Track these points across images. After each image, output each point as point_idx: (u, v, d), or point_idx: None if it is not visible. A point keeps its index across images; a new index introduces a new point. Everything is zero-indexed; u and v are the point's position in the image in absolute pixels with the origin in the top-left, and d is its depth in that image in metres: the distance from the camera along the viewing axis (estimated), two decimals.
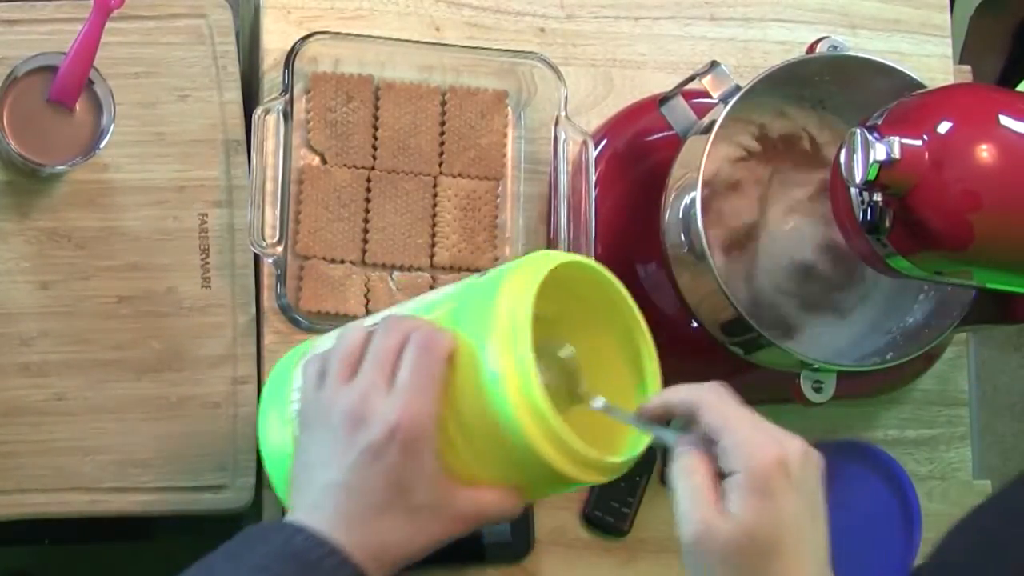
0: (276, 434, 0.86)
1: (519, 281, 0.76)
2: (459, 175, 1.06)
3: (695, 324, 1.01)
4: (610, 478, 0.79)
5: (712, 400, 0.76)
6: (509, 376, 0.74)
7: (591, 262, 0.82)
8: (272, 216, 1.00)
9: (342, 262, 1.03)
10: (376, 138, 1.05)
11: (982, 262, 0.87)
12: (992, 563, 0.77)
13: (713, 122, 0.97)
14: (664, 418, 0.78)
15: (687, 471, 0.75)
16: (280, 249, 0.99)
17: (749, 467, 0.72)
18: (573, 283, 0.81)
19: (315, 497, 0.76)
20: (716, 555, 0.72)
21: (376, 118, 1.05)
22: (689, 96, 1.03)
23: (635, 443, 0.80)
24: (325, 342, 0.86)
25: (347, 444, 0.75)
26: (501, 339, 0.74)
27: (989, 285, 0.90)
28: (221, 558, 0.75)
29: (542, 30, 1.10)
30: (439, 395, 0.75)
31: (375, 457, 0.74)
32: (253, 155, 0.99)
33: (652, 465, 1.08)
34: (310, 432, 0.78)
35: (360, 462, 0.75)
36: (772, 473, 0.72)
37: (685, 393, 0.77)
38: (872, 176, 0.84)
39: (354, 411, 0.75)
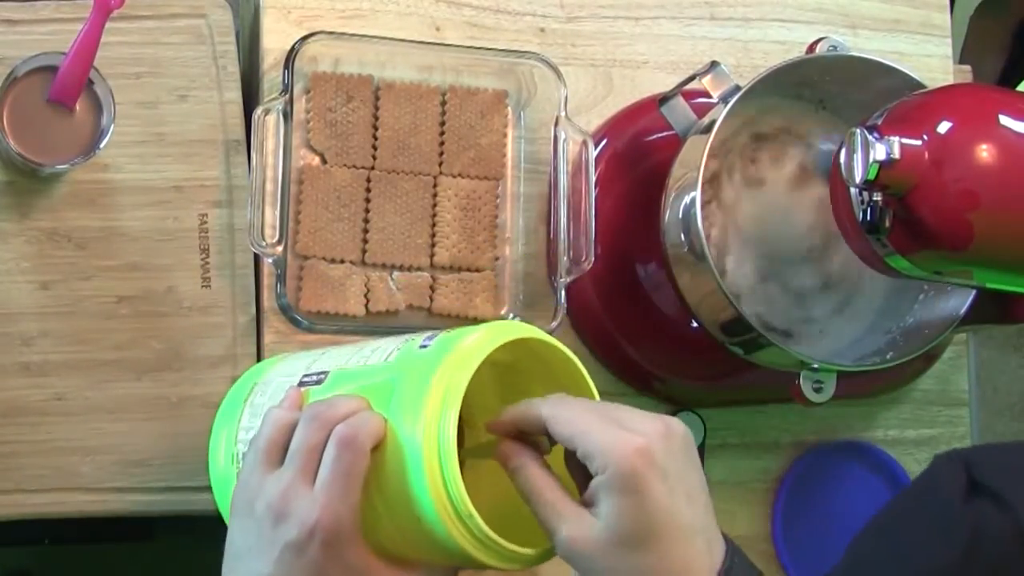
0: (222, 465, 0.86)
1: (452, 368, 0.74)
2: (459, 175, 1.06)
3: (695, 324, 1.01)
4: (533, 565, 0.77)
5: (556, 411, 0.74)
6: (431, 471, 0.73)
7: (535, 336, 0.79)
8: (272, 216, 1.00)
9: (342, 262, 1.03)
10: (376, 138, 1.05)
11: (982, 262, 0.87)
12: None
13: (713, 122, 0.97)
14: (518, 435, 0.77)
15: (536, 491, 0.75)
16: (280, 249, 0.99)
17: (609, 468, 0.71)
18: (528, 344, 0.79)
19: None
20: (594, 559, 0.72)
21: (376, 118, 1.05)
22: (689, 96, 1.03)
23: None
24: (275, 376, 0.85)
25: (269, 539, 0.75)
26: (427, 434, 0.73)
27: (989, 285, 0.90)
28: None
29: (542, 30, 1.10)
30: (359, 489, 0.74)
31: (296, 554, 0.74)
32: (253, 155, 0.99)
33: None
34: (238, 519, 0.78)
35: (282, 558, 0.74)
36: (634, 468, 0.71)
37: (525, 407, 0.76)
38: (872, 176, 0.84)
39: (275, 507, 0.75)
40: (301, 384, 0.83)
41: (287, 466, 0.76)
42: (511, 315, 1.05)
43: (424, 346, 0.78)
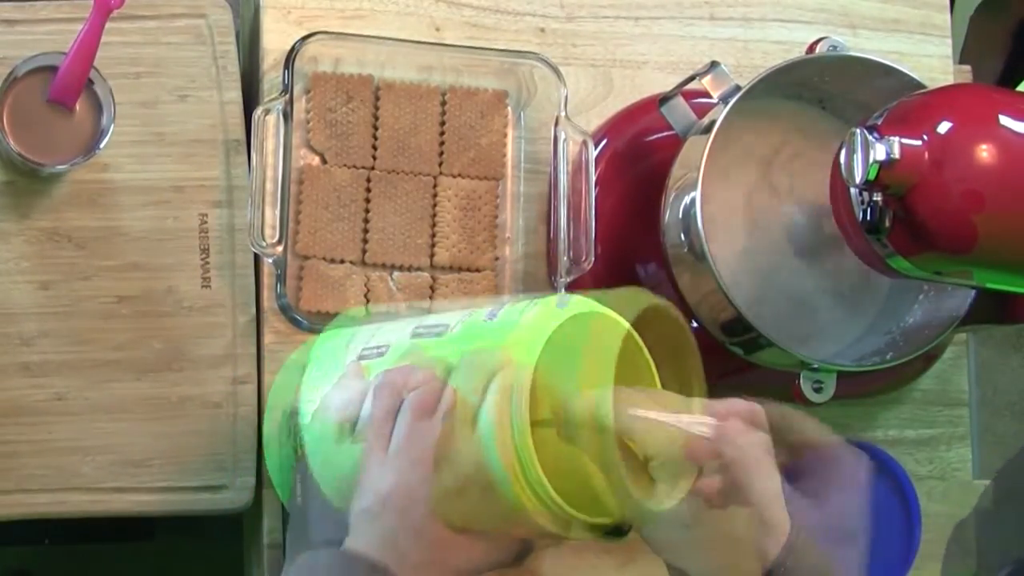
0: (276, 435, 0.87)
1: (522, 342, 0.75)
2: (459, 175, 1.06)
3: (695, 324, 1.01)
4: (598, 534, 0.79)
5: (759, 470, 0.78)
6: (503, 440, 0.74)
7: (605, 316, 0.80)
8: (272, 216, 1.00)
9: (342, 262, 1.03)
10: (376, 138, 1.05)
11: (985, 263, 0.87)
12: None
13: (713, 122, 0.97)
14: (710, 453, 0.78)
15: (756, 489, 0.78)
16: (280, 249, 0.99)
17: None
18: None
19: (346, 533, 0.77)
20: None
21: (376, 118, 1.05)
22: (689, 96, 1.03)
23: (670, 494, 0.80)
24: (330, 351, 0.87)
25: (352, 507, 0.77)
26: (498, 403, 0.74)
27: (989, 285, 0.90)
28: None
29: (542, 30, 1.10)
30: (431, 459, 0.75)
31: (370, 521, 0.76)
32: (253, 155, 0.99)
33: None
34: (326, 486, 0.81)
35: (356, 525, 0.76)
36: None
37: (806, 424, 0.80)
38: (872, 176, 0.84)
39: (349, 475, 0.77)
40: (361, 358, 0.84)
41: (361, 435, 0.78)
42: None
43: (490, 318, 0.79)
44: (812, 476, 0.81)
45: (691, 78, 1.02)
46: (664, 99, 1.04)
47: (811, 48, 1.01)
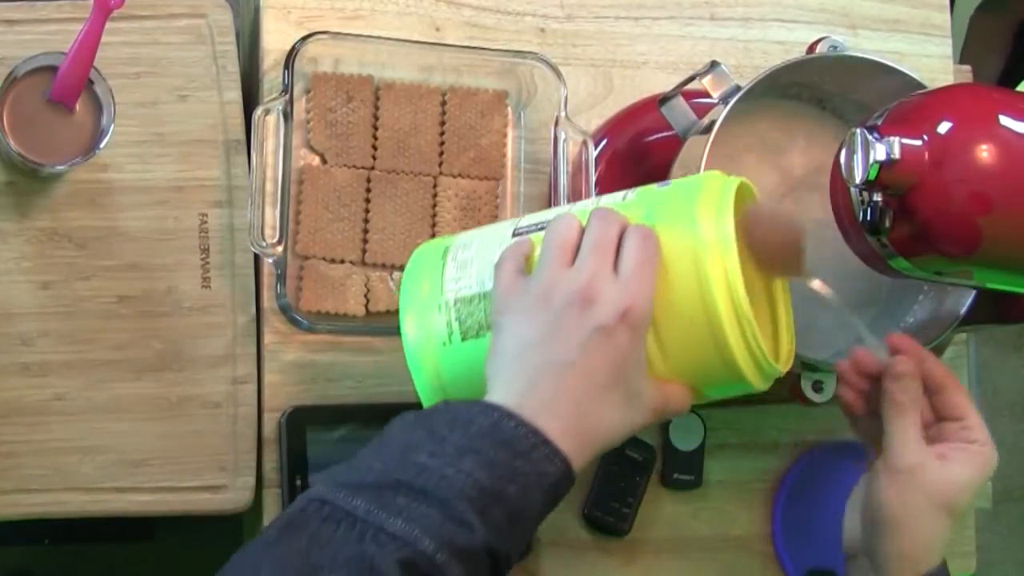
0: (424, 327, 0.85)
1: (717, 191, 0.80)
2: (459, 175, 1.06)
3: None
4: (766, 387, 0.82)
5: (960, 389, 0.89)
6: (720, 281, 0.77)
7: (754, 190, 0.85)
8: (272, 216, 1.00)
9: (342, 262, 1.03)
10: (376, 138, 1.05)
11: (988, 264, 0.87)
12: None
13: (713, 122, 0.97)
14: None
15: (906, 409, 0.88)
16: (280, 249, 0.99)
17: (983, 452, 0.88)
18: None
19: (530, 377, 0.76)
20: (909, 493, 0.87)
21: (376, 118, 1.05)
22: (689, 96, 1.03)
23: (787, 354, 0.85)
24: (475, 239, 0.87)
25: (576, 324, 0.76)
26: (714, 243, 0.77)
27: (990, 285, 0.90)
28: (419, 439, 0.73)
29: (542, 30, 1.10)
30: (655, 281, 0.77)
31: (604, 338, 0.76)
32: (253, 155, 0.99)
33: (652, 465, 1.08)
34: (517, 316, 0.79)
35: (589, 342, 0.76)
36: (992, 459, 0.89)
37: (940, 366, 0.89)
38: (872, 176, 0.84)
39: (583, 292, 0.76)
40: (516, 235, 0.85)
41: (586, 258, 0.78)
42: None
43: (662, 187, 0.83)
44: None
45: (691, 78, 1.02)
46: (664, 99, 1.04)
47: (811, 48, 1.01)
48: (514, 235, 0.85)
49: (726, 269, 0.77)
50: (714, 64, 1.00)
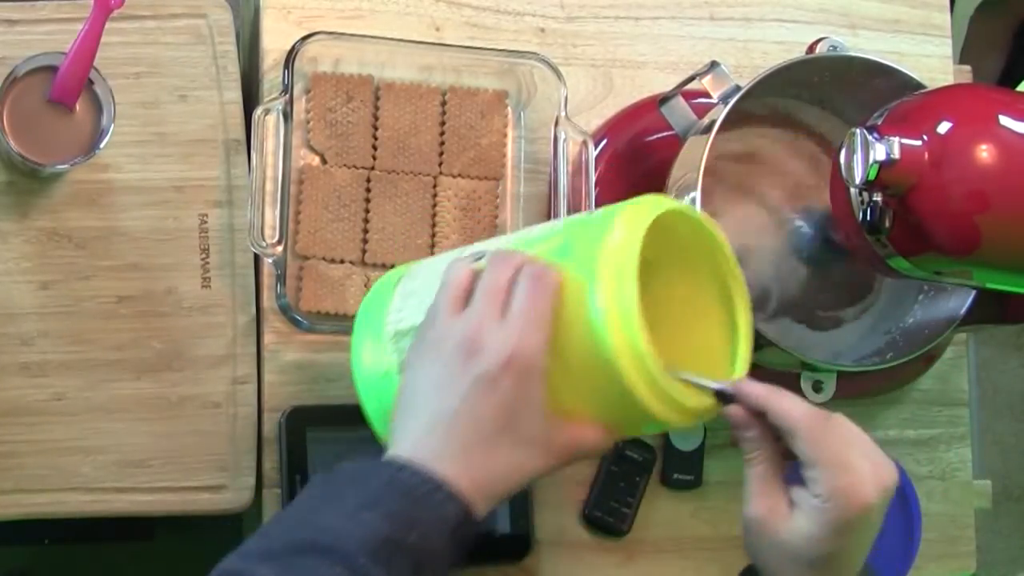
0: (370, 357, 0.86)
1: (629, 221, 0.77)
2: (459, 175, 1.06)
3: None
4: (693, 424, 0.80)
5: (814, 432, 0.77)
6: (613, 316, 0.75)
7: (695, 213, 0.82)
8: (272, 216, 1.00)
9: (342, 262, 1.03)
10: (376, 138, 1.05)
11: (988, 264, 0.87)
12: None
13: (713, 122, 0.97)
14: (751, 416, 0.80)
15: (754, 459, 0.80)
16: (280, 249, 0.99)
17: (831, 507, 0.76)
18: (674, 230, 0.82)
19: (424, 426, 0.76)
20: (763, 545, 0.79)
21: (376, 118, 1.05)
22: (689, 96, 1.03)
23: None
24: (423, 268, 0.87)
25: (461, 373, 0.76)
26: (609, 278, 0.75)
27: (989, 285, 0.90)
28: (320, 502, 0.74)
29: (542, 30, 1.10)
30: (550, 323, 0.76)
31: (489, 386, 0.75)
32: (253, 155, 0.99)
33: (652, 465, 1.08)
34: (419, 364, 0.79)
35: (474, 391, 0.75)
36: (853, 520, 0.76)
37: (779, 405, 0.78)
38: (872, 176, 0.84)
39: (468, 341, 0.76)
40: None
41: (476, 304, 0.77)
42: None
43: (590, 214, 0.81)
44: None
45: (691, 78, 1.02)
46: (664, 99, 1.04)
47: (811, 48, 1.01)
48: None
49: (622, 309, 0.75)
50: (714, 64, 1.00)
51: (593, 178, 1.05)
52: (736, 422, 0.80)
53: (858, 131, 0.84)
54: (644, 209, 0.78)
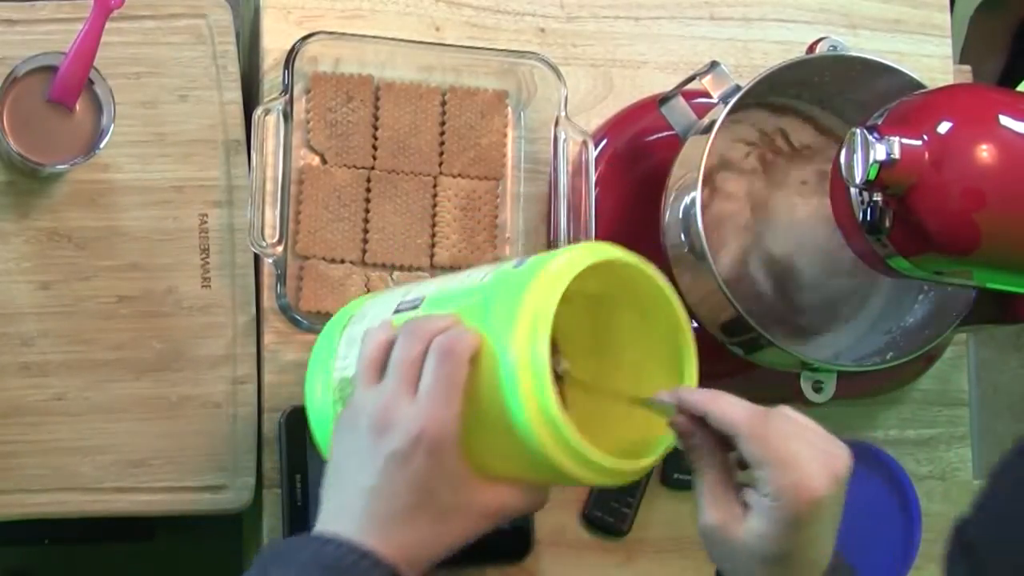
0: (319, 398, 0.87)
1: (545, 284, 0.76)
2: (459, 175, 1.06)
3: (695, 324, 1.01)
4: (627, 481, 0.80)
5: (755, 431, 0.77)
6: (524, 382, 0.74)
7: (630, 261, 0.81)
8: (272, 216, 1.00)
9: (342, 262, 1.03)
10: (376, 138, 1.05)
11: (988, 263, 0.87)
12: None
13: (713, 122, 0.97)
14: (694, 424, 0.79)
15: (701, 470, 0.79)
16: (280, 249, 0.99)
17: (780, 504, 0.76)
18: (619, 269, 0.81)
19: (345, 501, 0.78)
20: (723, 551, 0.79)
21: (376, 118, 1.05)
22: (689, 96, 1.03)
23: (656, 444, 0.81)
24: (371, 308, 0.87)
25: (374, 450, 0.77)
26: (520, 345, 0.75)
27: (990, 285, 0.90)
28: (256, 574, 0.76)
29: (542, 30, 1.10)
30: (461, 399, 0.76)
31: (401, 463, 0.76)
32: (253, 155, 0.99)
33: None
34: (340, 437, 0.80)
35: (387, 468, 0.76)
36: (802, 514, 0.76)
37: (719, 407, 0.78)
38: (872, 176, 0.84)
39: (379, 419, 0.77)
40: (397, 311, 0.84)
41: (387, 379, 0.78)
42: None
43: (518, 266, 0.79)
44: None
45: (691, 78, 1.02)
46: (664, 99, 1.04)
47: (811, 48, 1.01)
48: (395, 312, 0.85)
49: (535, 379, 0.74)
50: (714, 64, 1.00)
51: (593, 178, 1.05)
52: (680, 430, 0.79)
53: (858, 131, 0.84)
54: (564, 268, 0.77)
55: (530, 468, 0.77)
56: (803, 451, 0.76)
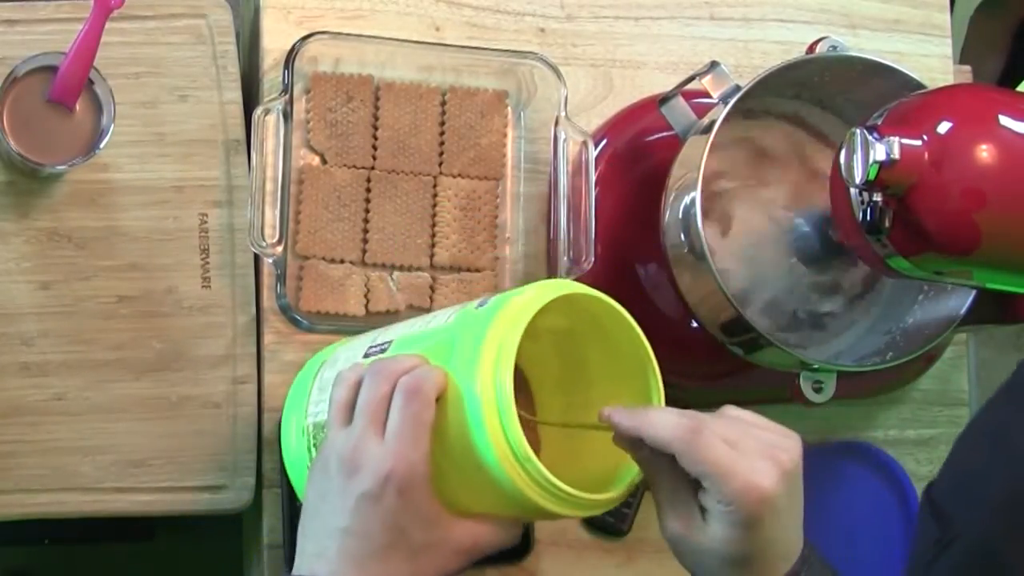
0: (294, 443, 0.88)
1: (508, 320, 0.77)
2: (459, 175, 1.06)
3: (695, 324, 1.01)
4: (599, 512, 0.80)
5: (687, 446, 0.76)
6: (490, 417, 0.75)
7: (592, 294, 0.81)
8: (272, 216, 1.00)
9: (342, 262, 1.03)
10: (376, 138, 1.05)
11: (988, 264, 0.87)
12: (1007, 456, 0.76)
13: (713, 122, 0.97)
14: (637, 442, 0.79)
15: (656, 481, 0.80)
16: (280, 249, 0.99)
17: (733, 508, 0.76)
18: (584, 304, 0.81)
19: (320, 543, 0.78)
20: (690, 555, 0.80)
21: (376, 118, 1.05)
22: (689, 96, 1.03)
23: (626, 473, 0.81)
24: (342, 353, 0.87)
25: (345, 491, 0.77)
26: (485, 381, 0.75)
27: (989, 285, 0.90)
28: None
29: (542, 30, 1.10)
30: (429, 437, 0.77)
31: (372, 503, 0.76)
32: (253, 155, 0.99)
33: None
34: (313, 480, 0.81)
35: (358, 509, 0.77)
36: (756, 513, 0.76)
37: (651, 426, 0.78)
38: (872, 176, 0.84)
39: (349, 460, 0.77)
40: (367, 355, 0.85)
41: (356, 420, 0.78)
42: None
43: (481, 305, 0.80)
44: None
45: (691, 78, 1.02)
46: (664, 99, 1.04)
47: (811, 48, 1.01)
48: (365, 356, 0.86)
49: (501, 417, 0.75)
50: (714, 64, 1.00)
51: (593, 178, 1.05)
52: (624, 448, 0.80)
53: (858, 131, 0.84)
54: (525, 305, 0.78)
55: (501, 503, 0.78)
56: (741, 457, 0.76)
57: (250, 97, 1.05)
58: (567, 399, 0.88)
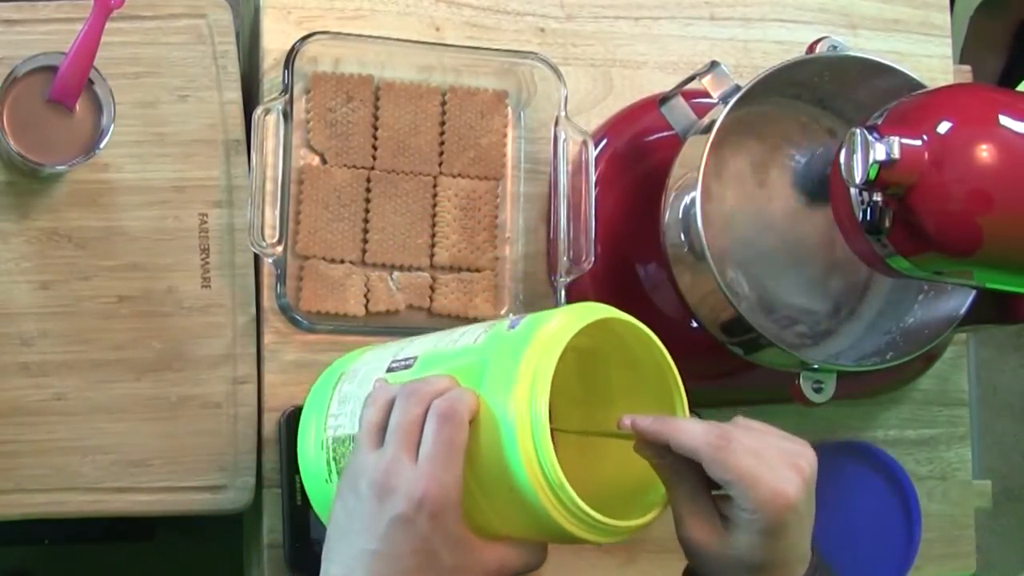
0: (312, 455, 0.88)
1: (542, 347, 0.77)
2: (459, 175, 1.06)
3: (695, 324, 1.01)
4: (624, 538, 0.80)
5: (718, 453, 0.78)
6: (524, 444, 0.75)
7: (623, 318, 0.81)
8: (272, 216, 1.00)
9: (342, 262, 1.03)
10: (376, 138, 1.05)
11: (989, 264, 0.87)
12: None
13: (713, 122, 0.97)
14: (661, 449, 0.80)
15: (674, 487, 0.81)
16: (280, 249, 0.99)
17: (759, 517, 0.78)
18: (609, 325, 0.81)
19: (346, 565, 0.78)
20: (711, 564, 0.81)
21: (376, 118, 1.05)
22: (689, 96, 1.03)
23: (655, 496, 0.82)
24: (362, 367, 0.87)
25: (376, 514, 0.77)
26: (520, 408, 0.75)
27: (990, 285, 0.90)
28: None
29: (542, 30, 1.10)
30: (462, 461, 0.76)
31: (404, 527, 0.76)
32: (253, 155, 0.99)
33: None
34: (343, 499, 0.80)
35: (389, 532, 0.76)
36: (781, 520, 0.78)
37: (679, 434, 0.79)
38: (872, 176, 0.84)
39: (381, 483, 0.77)
40: (390, 369, 0.85)
41: (388, 442, 0.78)
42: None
43: (512, 327, 0.80)
44: None
45: (691, 78, 1.02)
46: (664, 99, 1.04)
47: (811, 48, 1.01)
48: (388, 370, 0.85)
49: (534, 445, 0.75)
50: (714, 64, 1.00)
51: (593, 178, 1.05)
52: (644, 456, 0.80)
53: (858, 131, 0.84)
54: (558, 332, 0.78)
55: (530, 527, 0.78)
56: (767, 464, 0.78)
57: (250, 97, 1.05)
58: (586, 414, 0.88)
